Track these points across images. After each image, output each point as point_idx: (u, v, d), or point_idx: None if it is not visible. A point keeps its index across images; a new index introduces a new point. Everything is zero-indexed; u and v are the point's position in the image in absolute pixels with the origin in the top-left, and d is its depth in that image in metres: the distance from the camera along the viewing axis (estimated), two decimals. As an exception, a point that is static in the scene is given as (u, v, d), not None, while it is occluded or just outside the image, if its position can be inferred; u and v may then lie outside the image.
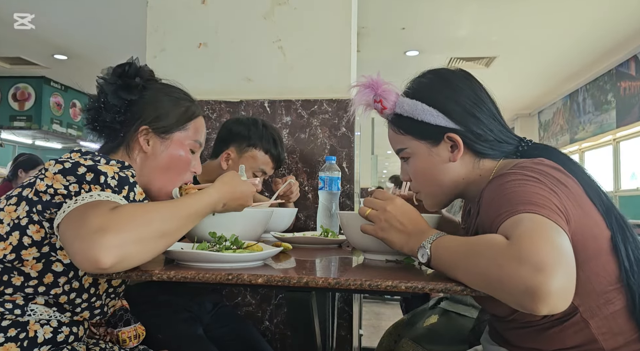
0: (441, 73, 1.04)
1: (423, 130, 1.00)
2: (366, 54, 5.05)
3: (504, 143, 1.00)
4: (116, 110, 1.08)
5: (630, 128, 5.38)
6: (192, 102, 1.19)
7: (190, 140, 1.14)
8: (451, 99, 0.99)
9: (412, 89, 1.04)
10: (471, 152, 0.99)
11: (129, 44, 4.15)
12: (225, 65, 2.07)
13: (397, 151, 1.07)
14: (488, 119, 0.99)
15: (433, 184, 1.03)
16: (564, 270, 0.67)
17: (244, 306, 1.97)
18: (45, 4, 4.12)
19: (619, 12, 4.29)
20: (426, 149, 1.01)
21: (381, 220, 0.92)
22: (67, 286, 0.94)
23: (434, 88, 1.01)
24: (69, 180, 0.89)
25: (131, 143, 1.10)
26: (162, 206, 0.86)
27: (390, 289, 0.76)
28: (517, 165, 0.88)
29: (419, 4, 4.11)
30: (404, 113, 1.02)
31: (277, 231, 1.50)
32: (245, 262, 0.91)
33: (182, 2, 2.09)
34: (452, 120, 0.98)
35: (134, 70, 1.11)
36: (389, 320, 3.51)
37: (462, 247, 0.79)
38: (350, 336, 1.92)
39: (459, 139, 0.97)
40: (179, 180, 1.13)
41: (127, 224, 0.77)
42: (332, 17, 2.01)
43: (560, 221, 0.74)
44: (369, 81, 1.05)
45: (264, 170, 1.70)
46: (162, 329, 1.42)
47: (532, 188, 0.79)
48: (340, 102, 1.98)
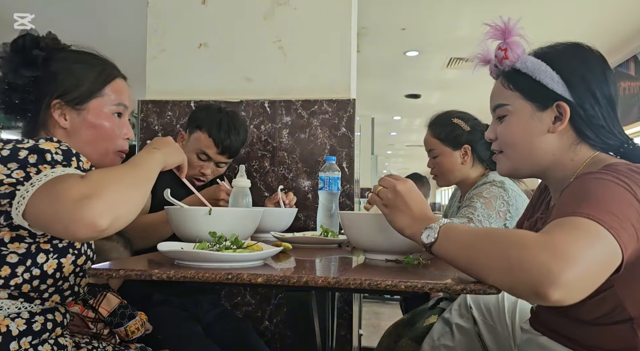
0: (577, 45, 0.99)
1: (536, 90, 0.95)
2: (366, 54, 5.05)
3: (610, 135, 0.93)
4: (23, 89, 1.00)
5: (630, 128, 5.38)
6: (105, 64, 1.09)
7: (110, 105, 1.07)
8: (576, 69, 0.94)
9: (541, 51, 0.98)
10: (574, 131, 0.94)
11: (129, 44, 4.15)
12: (225, 65, 2.07)
13: (495, 107, 1.01)
14: (604, 103, 0.93)
15: (521, 149, 0.97)
16: (585, 266, 0.66)
17: (243, 306, 1.97)
18: (45, 4, 4.12)
19: (619, 12, 4.29)
20: (530, 111, 0.96)
21: (389, 198, 0.93)
22: (27, 274, 0.91)
23: (565, 56, 0.96)
24: (10, 168, 0.84)
25: (47, 122, 1.02)
26: (118, 166, 0.94)
27: (390, 289, 0.76)
28: (612, 165, 0.84)
29: (419, 4, 4.11)
30: (524, 69, 0.96)
31: (277, 231, 1.50)
32: (245, 262, 0.91)
33: (182, 2, 2.09)
34: (569, 90, 0.92)
35: (31, 41, 1.01)
36: (388, 319, 3.51)
37: (479, 230, 0.79)
38: (350, 336, 1.92)
39: (567, 110, 0.92)
40: (110, 150, 1.07)
41: (104, 186, 0.80)
42: (332, 17, 2.01)
43: (621, 232, 0.72)
44: (503, 25, 0.99)
45: (208, 154, 1.60)
46: (162, 328, 1.43)
47: (614, 194, 0.76)
48: (340, 102, 1.98)
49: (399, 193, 0.91)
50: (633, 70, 5.27)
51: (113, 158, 1.10)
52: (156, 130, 2.07)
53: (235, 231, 1.02)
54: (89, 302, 1.27)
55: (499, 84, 1.02)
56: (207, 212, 1.03)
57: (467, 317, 1.35)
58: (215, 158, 1.62)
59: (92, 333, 1.26)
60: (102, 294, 1.28)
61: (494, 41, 1.01)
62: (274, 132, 2.02)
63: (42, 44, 1.02)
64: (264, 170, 2.02)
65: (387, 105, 7.68)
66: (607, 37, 4.87)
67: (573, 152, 0.94)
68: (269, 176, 2.01)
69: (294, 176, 2.00)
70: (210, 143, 1.59)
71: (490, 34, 1.01)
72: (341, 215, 1.08)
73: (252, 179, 1.99)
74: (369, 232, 1.01)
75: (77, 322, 1.25)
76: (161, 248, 0.93)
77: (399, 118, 8.97)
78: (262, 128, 2.02)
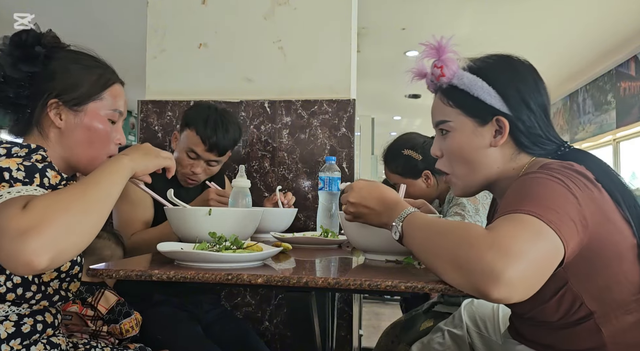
0: (508, 57, 1.02)
1: (475, 106, 0.98)
2: (366, 54, 5.05)
3: (547, 142, 0.98)
4: (19, 84, 0.98)
5: (630, 128, 5.38)
6: (105, 69, 1.09)
7: (107, 109, 1.05)
8: (511, 83, 0.97)
9: (474, 65, 1.01)
10: (513, 143, 0.97)
11: (129, 44, 4.15)
12: (225, 65, 2.07)
13: (437, 122, 1.04)
14: (540, 113, 0.97)
15: (466, 165, 1.00)
16: (528, 263, 0.68)
17: (243, 307, 1.97)
18: (45, 4, 4.12)
19: (619, 12, 4.29)
20: (471, 127, 0.98)
21: (351, 212, 0.97)
22: (9, 283, 0.88)
23: (497, 69, 0.99)
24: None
25: (42, 120, 1.01)
26: (72, 186, 0.84)
27: (390, 289, 0.76)
28: (545, 165, 0.87)
29: (419, 4, 4.11)
30: (461, 85, 0.99)
31: (277, 231, 1.50)
32: (245, 262, 0.91)
33: (182, 2, 2.09)
34: (506, 104, 0.95)
35: (34, 37, 1.00)
36: (388, 320, 3.51)
37: (435, 224, 0.81)
38: (350, 336, 1.92)
39: (507, 124, 0.95)
40: (103, 154, 1.06)
41: (45, 219, 0.73)
42: (332, 17, 2.01)
43: (561, 226, 0.74)
44: (436, 43, 1.01)
45: (195, 151, 1.58)
46: (162, 329, 1.43)
47: (551, 191, 0.79)
48: (340, 103, 1.98)
49: (354, 204, 0.96)
50: (633, 70, 5.26)
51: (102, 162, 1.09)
52: (156, 130, 2.07)
53: (235, 231, 1.02)
54: (87, 300, 1.27)
55: (438, 100, 1.04)
56: (207, 212, 1.02)
57: (460, 327, 1.37)
58: (203, 156, 1.58)
59: (91, 332, 1.26)
60: (100, 292, 1.29)
61: (429, 60, 1.04)
62: (274, 132, 2.02)
63: (43, 41, 1.01)
64: (264, 171, 2.02)
65: (387, 105, 7.68)
66: (607, 37, 4.87)
67: (514, 161, 0.98)
68: (269, 176, 2.01)
69: (294, 176, 2.00)
70: (197, 140, 1.57)
71: (425, 53, 1.03)
72: (341, 215, 1.08)
73: (252, 179, 1.99)
74: (368, 232, 1.01)
75: (75, 321, 1.25)
76: (161, 248, 0.93)
77: (399, 118, 8.97)
78: (262, 128, 2.02)
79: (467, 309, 1.40)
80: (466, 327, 1.35)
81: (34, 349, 0.93)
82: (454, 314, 1.43)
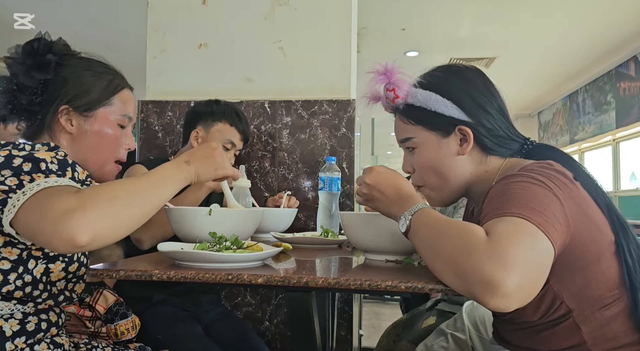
0: (453, 66, 1.04)
1: (435, 121, 0.99)
2: (366, 54, 5.05)
3: (510, 141, 1.00)
4: (31, 92, 1.02)
5: (630, 128, 5.38)
6: (114, 75, 1.12)
7: (116, 114, 1.09)
8: (464, 91, 0.99)
9: (425, 81, 1.02)
10: (479, 147, 0.99)
11: (129, 45, 4.15)
12: (225, 65, 2.07)
13: (402, 140, 1.06)
14: (497, 114, 0.99)
15: (439, 177, 1.01)
16: (525, 271, 0.68)
17: (243, 307, 1.97)
18: (45, 4, 4.12)
19: (619, 12, 4.30)
20: (435, 140, 1.00)
21: (365, 193, 0.96)
22: (19, 281, 0.91)
23: (448, 80, 1.01)
24: (4, 175, 0.85)
25: (53, 125, 1.04)
26: (126, 180, 0.88)
27: (390, 289, 0.76)
28: (525, 167, 0.87)
29: (419, 4, 4.12)
30: (417, 103, 1.00)
31: (277, 231, 1.50)
32: (245, 262, 0.90)
33: (182, 2, 2.09)
34: (464, 112, 0.97)
35: (45, 46, 1.03)
36: (388, 320, 3.51)
37: (440, 224, 0.80)
38: (350, 336, 1.92)
39: (469, 132, 0.97)
40: (111, 158, 1.09)
41: (92, 201, 0.77)
42: (332, 17, 2.01)
43: (549, 228, 0.75)
44: (383, 68, 1.02)
45: (233, 142, 1.70)
46: (162, 329, 1.43)
47: (535, 194, 0.79)
48: (340, 103, 1.98)
49: (369, 185, 0.94)
50: (633, 71, 5.27)
51: (111, 168, 1.10)
52: (156, 130, 2.07)
53: (236, 231, 1.02)
54: (85, 301, 1.27)
55: (398, 120, 1.06)
56: (208, 212, 1.03)
57: (462, 330, 1.38)
58: (238, 145, 1.72)
59: (90, 332, 1.26)
60: (98, 292, 1.28)
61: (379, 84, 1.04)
62: (274, 132, 2.02)
63: (54, 49, 1.04)
64: (264, 171, 2.02)
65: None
66: (607, 37, 4.88)
67: (485, 164, 1.00)
68: (269, 176, 2.01)
69: (294, 176, 2.00)
70: (234, 131, 1.70)
71: (374, 80, 1.04)
72: (341, 215, 1.08)
73: (252, 179, 1.99)
74: (369, 232, 1.01)
75: (74, 322, 1.25)
76: (161, 248, 0.93)
77: (399, 119, 8.97)
78: (263, 128, 2.02)
79: (468, 311, 1.40)
80: (468, 331, 1.36)
81: (38, 348, 0.94)
82: (456, 317, 1.43)
